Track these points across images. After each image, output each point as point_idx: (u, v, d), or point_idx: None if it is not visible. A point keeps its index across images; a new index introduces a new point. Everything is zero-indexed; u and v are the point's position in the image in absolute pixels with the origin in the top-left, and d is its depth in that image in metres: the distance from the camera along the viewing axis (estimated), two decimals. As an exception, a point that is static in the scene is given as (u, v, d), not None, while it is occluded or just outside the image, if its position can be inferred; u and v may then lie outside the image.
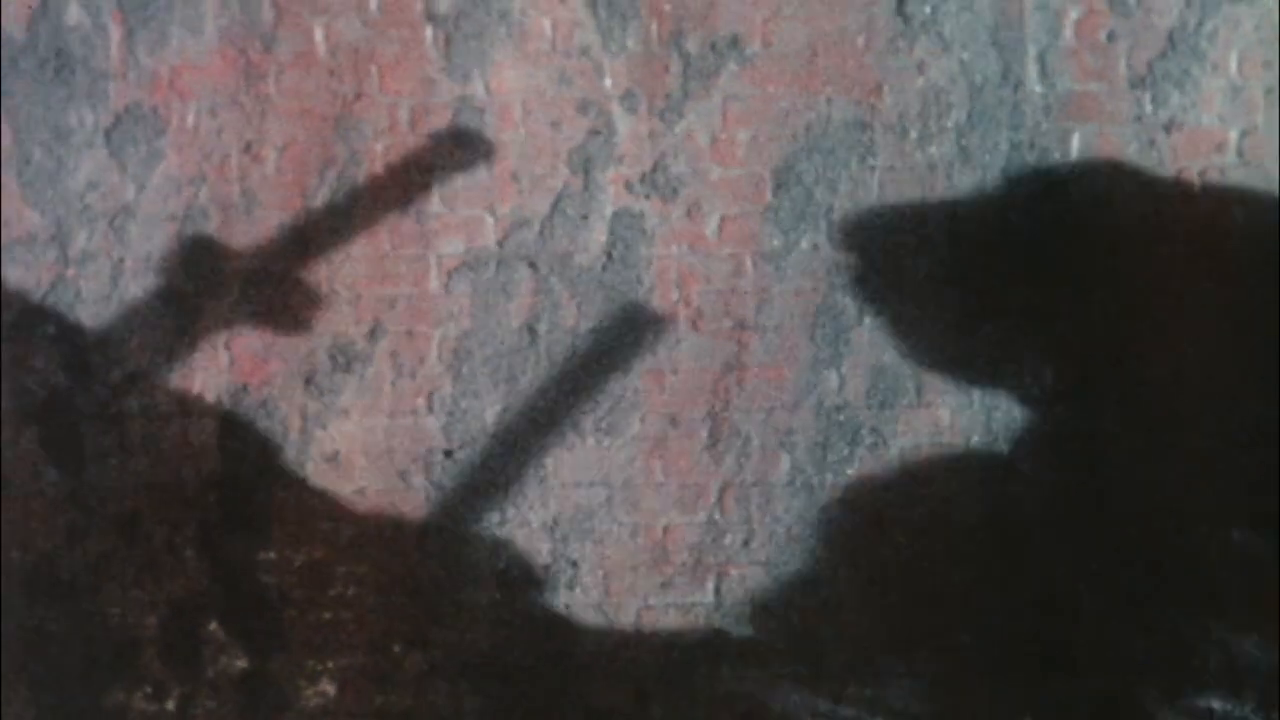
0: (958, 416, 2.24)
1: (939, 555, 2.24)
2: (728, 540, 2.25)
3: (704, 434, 2.26)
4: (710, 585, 2.25)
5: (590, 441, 2.26)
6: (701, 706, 2.24)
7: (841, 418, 2.25)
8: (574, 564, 2.26)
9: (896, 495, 2.25)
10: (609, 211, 2.27)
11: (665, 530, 2.26)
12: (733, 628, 2.24)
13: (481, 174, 2.26)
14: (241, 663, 2.28)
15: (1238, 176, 2.22)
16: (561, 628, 2.26)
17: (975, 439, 2.24)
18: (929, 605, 2.24)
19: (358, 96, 2.27)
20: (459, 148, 2.26)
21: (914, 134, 2.26)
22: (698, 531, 2.26)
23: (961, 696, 2.24)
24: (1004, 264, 2.24)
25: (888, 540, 2.24)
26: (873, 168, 2.26)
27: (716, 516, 2.26)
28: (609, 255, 2.26)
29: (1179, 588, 2.20)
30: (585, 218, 2.27)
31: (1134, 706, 2.21)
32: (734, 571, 2.25)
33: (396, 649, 2.27)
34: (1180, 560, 2.21)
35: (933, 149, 2.26)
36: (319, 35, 2.27)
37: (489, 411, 2.26)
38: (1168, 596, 2.21)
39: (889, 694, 2.23)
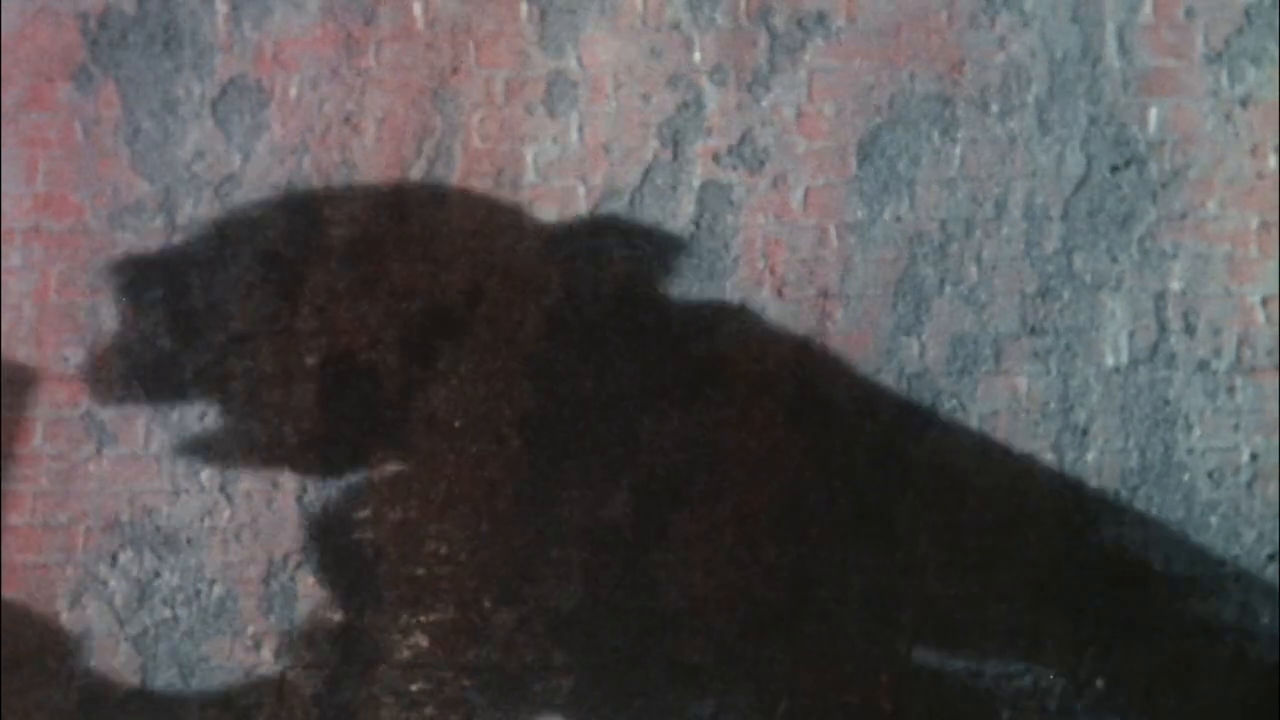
0: (1035, 384, 2.30)
1: (1015, 521, 2.30)
2: (810, 502, 2.32)
3: (788, 398, 2.32)
4: (792, 546, 2.32)
5: (679, 406, 2.32)
6: (781, 664, 2.31)
7: (922, 384, 2.31)
8: (660, 524, 2.33)
9: (974, 461, 2.30)
10: (697, 183, 2.33)
11: (749, 492, 2.32)
12: (812, 588, 2.31)
13: (574, 145, 2.33)
14: (337, 616, 2.36)
15: (1313, 151, 2.27)
16: (647, 586, 2.33)
17: (1052, 406, 2.29)
18: (1004, 570, 2.29)
19: (455, 70, 2.34)
20: (552, 119, 2.33)
21: (995, 108, 2.31)
22: (781, 493, 2.32)
23: (1034, 659, 2.29)
24: (1079, 236, 2.30)
25: (965, 505, 2.30)
26: (954, 140, 2.31)
27: (799, 479, 2.32)
28: (697, 225, 2.33)
29: (1249, 549, 2.25)
30: (674, 188, 2.33)
31: (1203, 669, 2.26)
32: (815, 533, 2.31)
33: (487, 604, 2.35)
34: (1251, 524, 2.26)
35: (1013, 122, 2.31)
36: (418, 9, 2.34)
37: (582, 377, 2.33)
38: (1236, 558, 2.26)
39: (961, 653, 2.29)
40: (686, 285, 2.32)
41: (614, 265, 2.32)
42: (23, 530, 2.38)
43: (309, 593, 2.36)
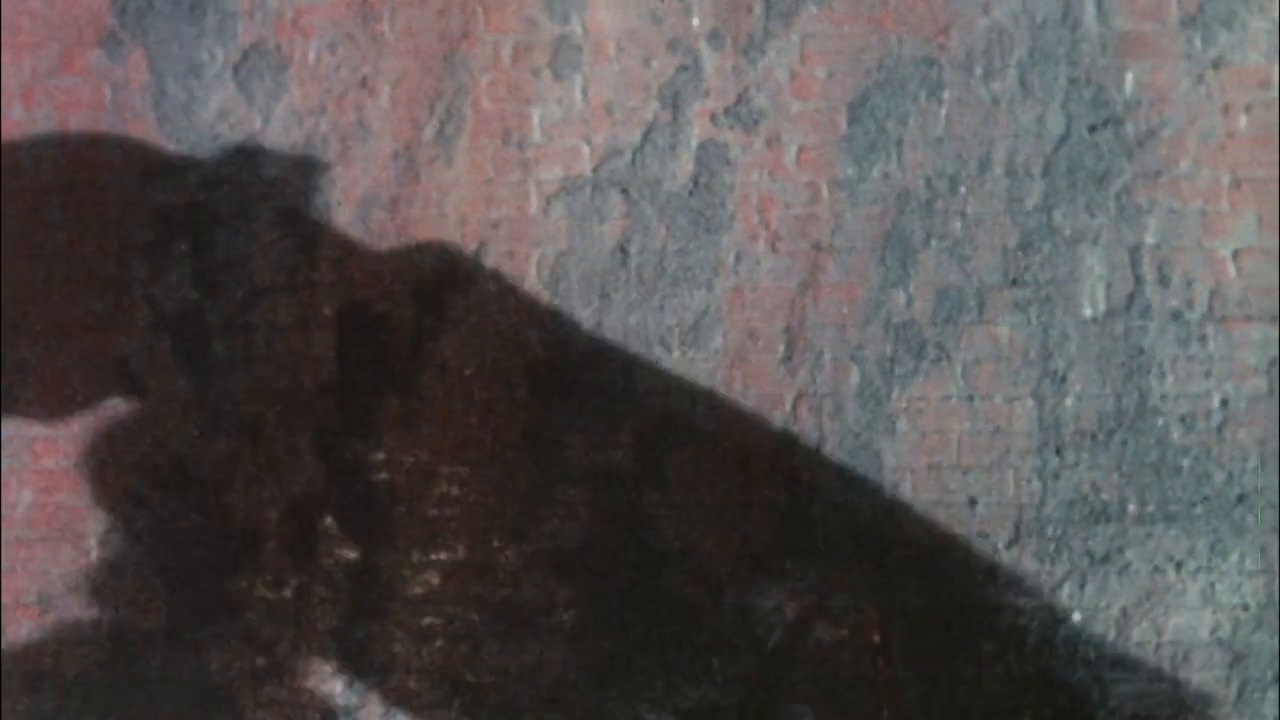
0: (1016, 333, 2.41)
1: (995, 464, 2.41)
2: (801, 446, 2.43)
3: (780, 348, 2.44)
4: (783, 488, 2.43)
5: (676, 354, 2.44)
6: (769, 599, 2.43)
7: (908, 334, 2.42)
8: (659, 468, 2.45)
9: (957, 406, 2.42)
10: (695, 142, 2.44)
11: (744, 436, 2.44)
12: (802, 527, 2.42)
13: (578, 106, 2.45)
14: (353, 555, 2.49)
15: (1282, 111, 2.38)
16: (646, 526, 2.45)
17: (1032, 354, 2.41)
18: (984, 510, 2.41)
19: (464, 35, 2.46)
20: (558, 82, 2.45)
21: (979, 70, 2.42)
22: (773, 438, 2.44)
23: (1014, 595, 2.41)
24: (1059, 193, 2.41)
25: (948, 448, 2.42)
26: (940, 101, 2.42)
27: (791, 424, 2.44)
28: (695, 182, 2.44)
29: (1219, 490, 2.36)
30: (673, 148, 2.44)
31: (1174, 603, 2.37)
32: (805, 475, 2.43)
33: (495, 543, 2.47)
34: (1221, 467, 2.37)
35: (996, 84, 2.42)
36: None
37: (584, 326, 2.45)
38: (1206, 499, 2.37)
39: (943, 589, 2.41)
40: (685, 239, 2.44)
41: (615, 221, 2.44)
42: (56, 473, 2.51)
43: (327, 532, 2.49)
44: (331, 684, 2.46)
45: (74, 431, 2.50)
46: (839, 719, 2.39)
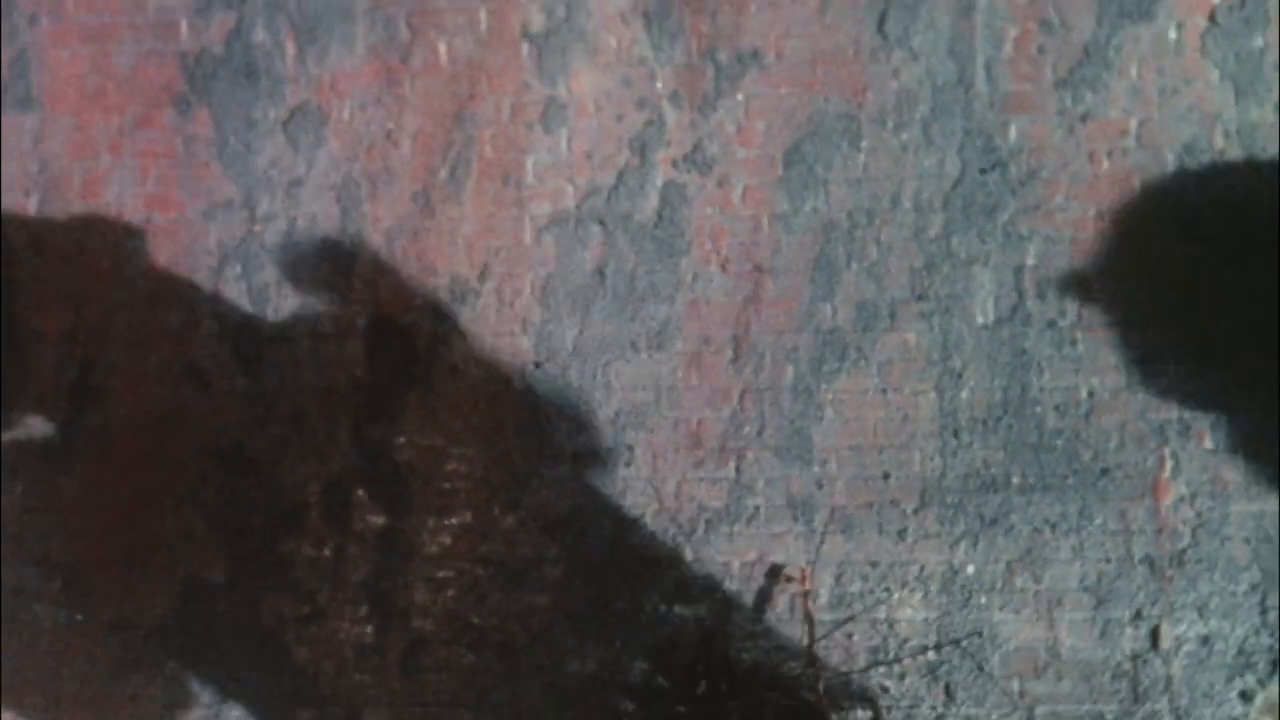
0: (921, 338, 2.94)
1: (905, 445, 2.94)
2: (745, 431, 2.97)
3: (729, 351, 2.97)
4: (732, 464, 2.97)
5: (644, 355, 2.98)
6: (723, 555, 2.96)
7: (833, 339, 2.96)
8: (630, 448, 2.98)
9: (873, 398, 2.95)
10: (660, 183, 2.98)
11: (699, 423, 2.97)
12: (747, 497, 2.95)
13: (564, 154, 2.99)
14: (380, 521, 3.03)
15: (1136, 158, 2.90)
16: (619, 496, 2.98)
17: (934, 355, 2.94)
18: (896, 481, 2.93)
19: (471, 96, 3.01)
20: (547, 134, 2.99)
21: (890, 124, 2.96)
22: (723, 424, 2.97)
23: (920, 553, 2.93)
24: (953, 225, 2.94)
25: (866, 432, 2.95)
26: (859, 149, 2.96)
27: (737, 413, 2.97)
28: (659, 216, 2.98)
29: (1086, 465, 2.89)
30: (642, 187, 2.98)
31: (1049, 558, 2.90)
32: (750, 454, 2.96)
33: (495, 511, 3.01)
34: (1088, 446, 2.89)
35: (904, 135, 2.95)
36: (442, 49, 3.01)
37: (568, 334, 2.99)
38: (1076, 472, 2.89)
39: (863, 547, 2.94)
40: (651, 263, 2.98)
41: (594, 247, 2.99)
42: (136, 456, 3.06)
43: (359, 502, 3.03)
44: (362, 626, 3.00)
45: (153, 419, 3.05)
46: (779, 653, 2.92)
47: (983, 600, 2.89)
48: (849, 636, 2.91)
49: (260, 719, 3.00)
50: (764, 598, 2.94)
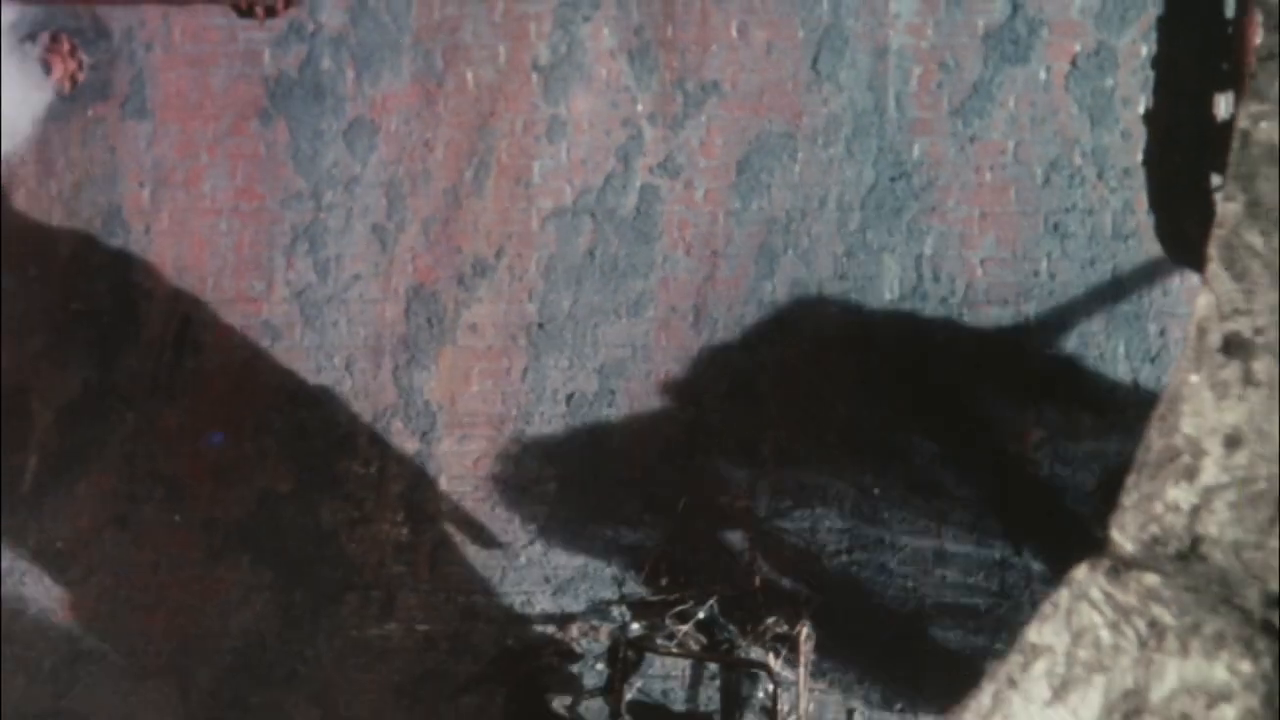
0: (841, 309, 3.73)
1: (830, 393, 3.73)
2: (703, 382, 3.76)
3: (691, 318, 3.77)
4: (691, 408, 3.76)
5: (624, 321, 3.77)
6: (687, 478, 3.75)
7: (772, 310, 3.75)
8: (612, 392, 3.78)
9: (807, 350, 3.74)
10: (639, 185, 3.78)
11: (666, 374, 3.77)
12: (704, 432, 3.75)
13: (564, 161, 3.79)
14: (414, 445, 3.83)
15: (1012, 171, 3.69)
16: (604, 430, 3.78)
17: (851, 322, 3.73)
18: (826, 426, 3.72)
19: (491, 114, 3.81)
20: (551, 144, 3.80)
21: (820, 141, 3.75)
22: (685, 375, 3.77)
23: (843, 478, 3.71)
24: (868, 222, 3.73)
25: (799, 383, 3.74)
26: (796, 161, 3.75)
27: (697, 366, 3.76)
28: (638, 211, 3.78)
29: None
30: (624, 188, 3.78)
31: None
32: (707, 399, 3.76)
33: (505, 438, 3.81)
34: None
35: (831, 150, 3.75)
36: (469, 77, 3.81)
37: (564, 302, 3.78)
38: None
39: (803, 472, 3.73)
40: (631, 248, 3.78)
41: (586, 235, 3.79)
42: (223, 392, 3.87)
43: (398, 431, 3.83)
44: (399, 529, 3.81)
45: (236, 367, 3.86)
46: (726, 554, 3.71)
47: (885, 515, 3.68)
48: (780, 541, 3.71)
49: (317, 600, 3.81)
50: (712, 512, 3.74)
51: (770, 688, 3.59)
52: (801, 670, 3.61)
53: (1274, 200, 2.14)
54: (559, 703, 3.70)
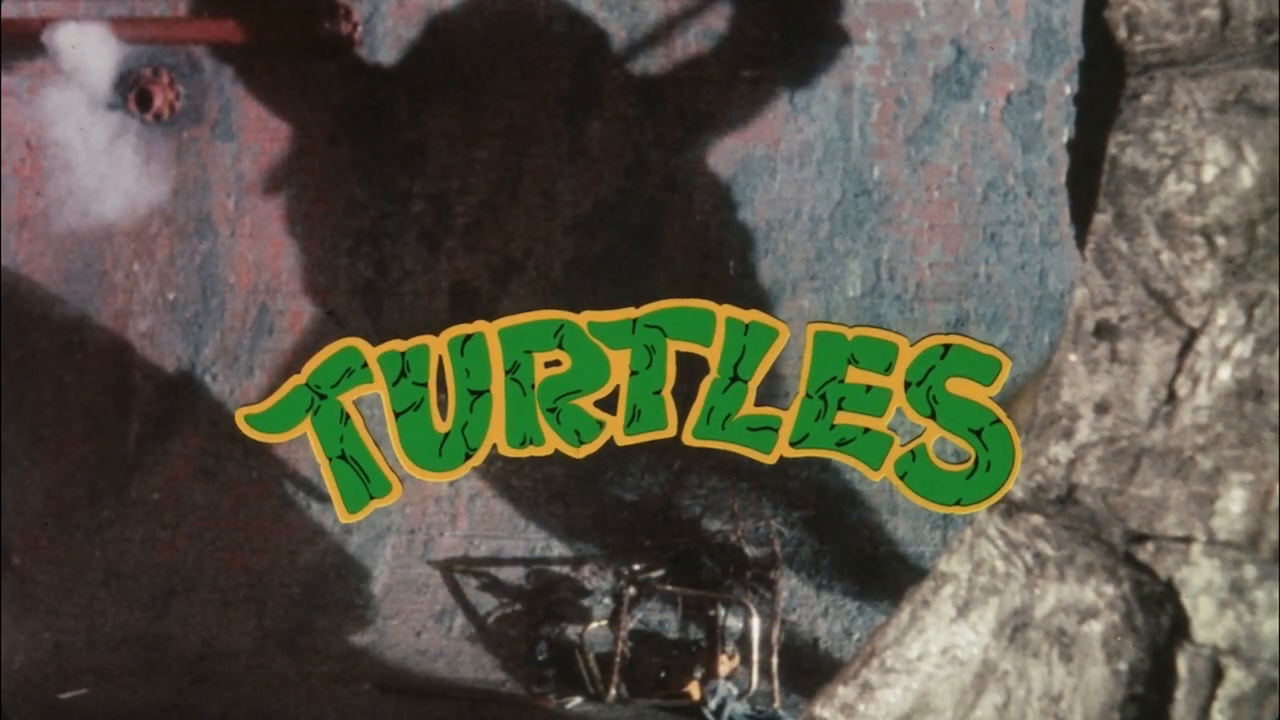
0: (813, 304, 4.40)
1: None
2: (695, 361, 4.43)
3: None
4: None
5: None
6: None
7: (755, 304, 4.42)
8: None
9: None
10: (645, 199, 4.47)
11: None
12: (697, 406, 4.42)
13: (582, 178, 4.48)
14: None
15: (956, 190, 4.37)
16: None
17: (820, 316, 4.40)
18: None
19: (522, 139, 4.51)
20: (572, 165, 4.49)
21: (796, 163, 4.43)
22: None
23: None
24: (835, 231, 4.41)
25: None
26: (775, 179, 4.43)
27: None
28: (645, 221, 4.47)
29: (922, 394, 4.35)
30: (633, 202, 4.47)
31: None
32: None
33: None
34: (924, 381, 4.35)
35: (805, 171, 4.43)
36: (504, 107, 4.51)
37: (582, 298, 4.47)
38: (916, 398, 4.35)
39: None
40: (638, 250, 4.47)
41: (599, 240, 4.48)
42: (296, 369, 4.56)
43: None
44: (440, 484, 4.49)
45: (293, 350, 4.56)
46: (712, 511, 4.38)
47: (847, 474, 4.35)
48: (759, 500, 4.38)
49: (369, 542, 4.50)
50: (702, 469, 4.42)
51: (749, 620, 4.27)
52: (777, 605, 4.28)
53: (1136, 212, 2.69)
54: (572, 630, 4.38)
